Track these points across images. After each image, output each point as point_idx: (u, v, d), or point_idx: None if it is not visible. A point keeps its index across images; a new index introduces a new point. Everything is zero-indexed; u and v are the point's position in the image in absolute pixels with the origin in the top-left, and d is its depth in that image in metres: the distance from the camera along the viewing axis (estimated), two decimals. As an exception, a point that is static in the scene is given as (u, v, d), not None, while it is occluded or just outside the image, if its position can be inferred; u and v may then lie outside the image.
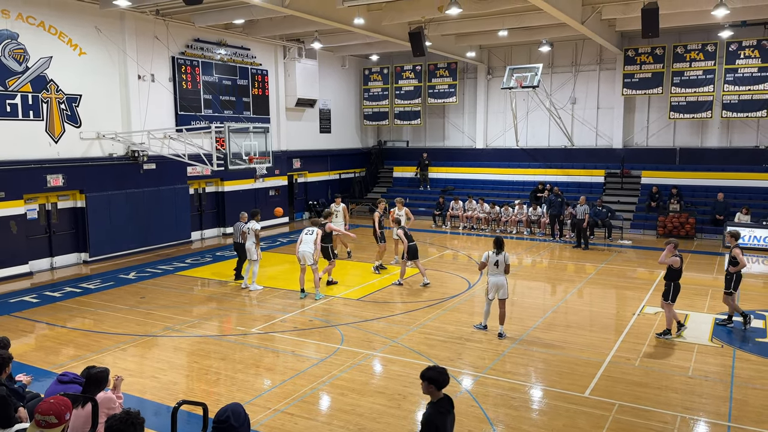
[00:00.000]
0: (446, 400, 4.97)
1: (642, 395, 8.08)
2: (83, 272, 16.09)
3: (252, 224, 13.86)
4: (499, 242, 10.50)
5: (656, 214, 21.10)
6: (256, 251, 13.74)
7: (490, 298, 10.64)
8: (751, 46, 20.97)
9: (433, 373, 4.96)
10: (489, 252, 10.52)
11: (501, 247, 10.46)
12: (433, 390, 4.94)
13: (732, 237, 11.19)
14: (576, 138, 25.13)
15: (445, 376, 4.98)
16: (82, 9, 16.42)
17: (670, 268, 10.40)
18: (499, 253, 10.40)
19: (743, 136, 22.31)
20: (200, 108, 20.21)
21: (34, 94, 15.55)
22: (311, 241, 12.89)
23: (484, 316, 10.84)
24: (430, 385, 4.93)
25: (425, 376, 4.97)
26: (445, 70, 26.82)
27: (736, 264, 10.72)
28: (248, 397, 8.09)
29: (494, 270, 10.42)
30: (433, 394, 4.95)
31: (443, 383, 4.95)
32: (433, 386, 4.93)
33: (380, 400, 7.99)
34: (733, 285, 10.88)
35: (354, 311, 12.16)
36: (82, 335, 10.81)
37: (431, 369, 5.04)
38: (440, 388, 4.94)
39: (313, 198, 26.24)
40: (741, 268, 10.74)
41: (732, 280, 10.86)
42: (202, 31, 20.01)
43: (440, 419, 4.81)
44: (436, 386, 4.93)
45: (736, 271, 10.78)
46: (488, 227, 22.35)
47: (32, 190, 15.70)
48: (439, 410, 4.87)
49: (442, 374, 4.97)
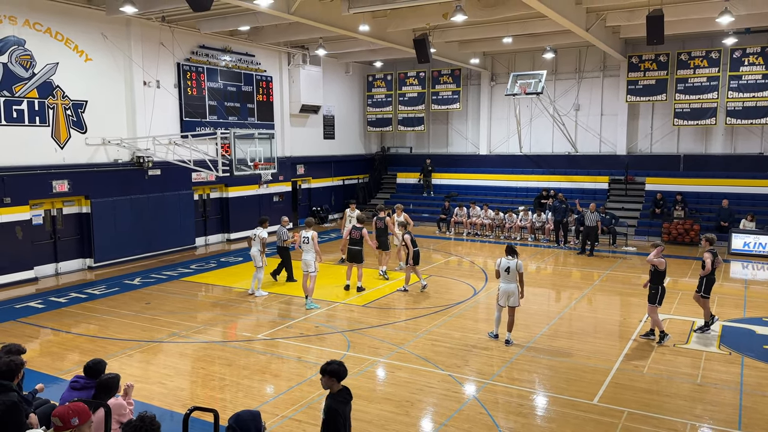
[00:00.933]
0: (345, 390, 5.31)
1: (651, 403, 8.05)
2: (88, 278, 16.10)
3: (258, 231, 13.84)
4: (511, 249, 10.48)
5: (661, 220, 21.07)
6: (261, 258, 13.72)
7: (501, 305, 10.56)
8: (755, 53, 20.98)
9: (334, 367, 5.23)
10: (501, 258, 10.49)
11: (513, 253, 10.43)
12: (334, 383, 5.24)
13: (707, 241, 11.44)
14: (580, 144, 25.13)
15: (344, 369, 5.28)
16: (88, 15, 16.50)
17: (655, 270, 10.53)
18: (511, 260, 10.35)
19: (747, 143, 22.30)
20: (205, 114, 20.27)
21: (41, 100, 15.60)
22: (311, 249, 12.78)
23: (495, 323, 10.76)
24: (332, 378, 5.22)
25: (326, 371, 5.24)
26: (449, 76, 26.87)
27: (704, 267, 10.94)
28: (255, 403, 8.07)
29: (505, 277, 10.37)
30: (333, 387, 5.25)
31: (343, 376, 5.26)
32: (334, 379, 5.22)
33: (388, 406, 7.97)
34: (704, 288, 10.99)
35: (359, 317, 12.14)
36: (88, 341, 10.81)
37: (331, 363, 5.29)
38: (340, 380, 5.25)
39: (316, 204, 26.25)
40: (706, 273, 10.93)
41: (703, 283, 11.02)
42: (208, 38, 20.09)
43: (341, 407, 5.13)
44: (338, 379, 5.23)
45: (705, 275, 10.94)
46: (492, 234, 22.33)
47: (38, 196, 15.73)
48: (339, 400, 5.18)
49: (342, 367, 5.26)
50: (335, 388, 5.24)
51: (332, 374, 5.21)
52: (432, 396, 8.35)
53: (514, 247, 10.57)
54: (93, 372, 5.85)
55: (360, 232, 13.95)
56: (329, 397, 5.21)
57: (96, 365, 5.92)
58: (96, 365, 5.92)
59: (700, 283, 11.10)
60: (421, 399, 8.23)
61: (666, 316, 11.93)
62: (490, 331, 10.89)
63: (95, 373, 5.83)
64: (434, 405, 8.10)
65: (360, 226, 14.11)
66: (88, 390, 5.48)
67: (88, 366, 5.91)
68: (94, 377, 5.74)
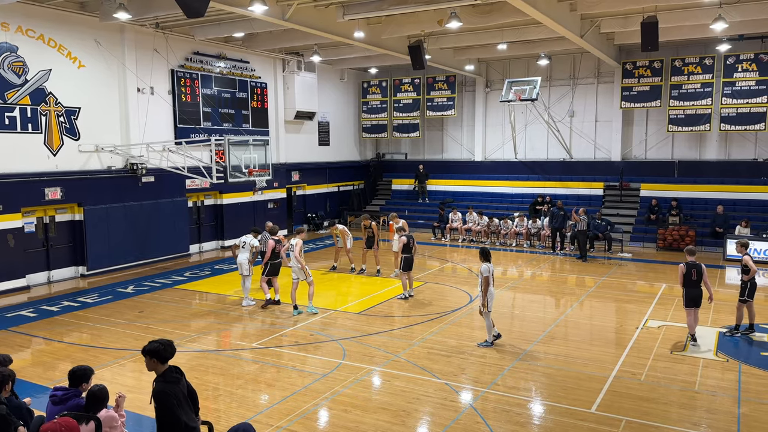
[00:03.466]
0: (172, 369, 5.01)
1: (649, 411, 7.98)
2: (81, 286, 15.95)
3: (248, 238, 13.69)
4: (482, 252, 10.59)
5: (656, 226, 21.08)
6: (249, 267, 13.53)
7: (490, 310, 10.54)
8: (749, 59, 21.09)
9: (154, 346, 4.96)
10: (489, 265, 10.45)
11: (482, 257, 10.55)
12: (156, 364, 4.98)
13: (742, 246, 11.28)
14: (574, 151, 25.17)
15: (168, 348, 5.01)
16: (81, 22, 16.42)
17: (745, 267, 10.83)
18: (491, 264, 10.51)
19: (742, 149, 22.38)
20: (199, 121, 20.19)
21: (33, 107, 15.50)
22: (294, 258, 12.64)
23: (490, 330, 10.69)
24: (152, 358, 4.96)
25: (147, 351, 4.97)
26: (444, 83, 26.90)
27: (748, 272, 10.79)
28: (249, 413, 7.97)
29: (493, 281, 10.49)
30: (158, 368, 4.99)
31: (166, 355, 4.98)
32: (155, 359, 4.95)
33: (384, 416, 7.87)
34: (747, 293, 10.92)
35: (355, 325, 12.04)
36: (80, 350, 10.67)
37: (152, 342, 5.03)
38: (164, 361, 4.98)
39: (311, 211, 26.17)
40: (753, 275, 10.88)
41: (746, 288, 10.93)
42: (202, 44, 20.04)
43: (171, 388, 4.87)
44: (159, 359, 4.96)
45: (750, 279, 10.87)
46: (488, 240, 22.29)
47: (30, 203, 15.60)
48: (168, 380, 4.92)
49: (165, 346, 4.99)
50: (160, 370, 4.99)
51: (152, 354, 4.94)
52: (428, 405, 8.26)
53: (486, 251, 10.58)
54: (75, 379, 5.55)
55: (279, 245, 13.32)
56: (156, 380, 4.97)
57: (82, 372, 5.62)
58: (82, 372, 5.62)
59: (743, 288, 11.00)
60: (417, 408, 8.14)
61: (662, 323, 11.90)
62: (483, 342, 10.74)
63: (77, 380, 5.54)
64: (431, 414, 8.02)
65: (277, 238, 13.43)
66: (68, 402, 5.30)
67: (72, 372, 5.62)
68: (76, 384, 5.52)
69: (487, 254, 10.58)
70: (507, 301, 14.13)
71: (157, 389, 4.86)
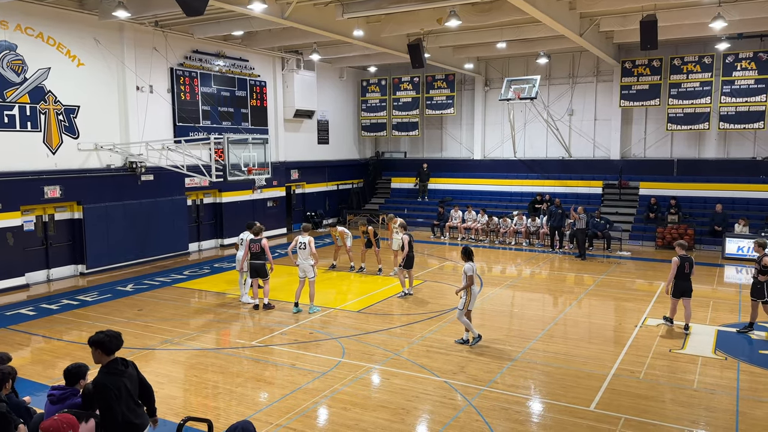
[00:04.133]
0: (117, 361, 4.96)
1: (648, 409, 8.00)
2: (80, 284, 15.95)
3: (245, 235, 13.60)
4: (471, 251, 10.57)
5: (655, 225, 21.10)
6: (244, 263, 13.47)
7: (470, 309, 10.53)
8: (748, 58, 21.10)
9: (99, 337, 4.93)
10: (472, 264, 10.38)
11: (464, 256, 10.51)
12: (101, 355, 4.94)
13: (759, 246, 11.29)
14: (574, 149, 25.18)
15: (113, 340, 4.96)
16: (81, 20, 16.40)
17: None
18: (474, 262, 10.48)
19: (740, 148, 22.40)
20: (199, 119, 20.18)
21: (32, 105, 15.48)
22: (307, 255, 12.65)
23: (471, 327, 10.59)
24: (97, 350, 4.92)
25: (92, 341, 4.95)
26: (443, 81, 26.90)
27: (767, 272, 10.84)
28: (249, 411, 7.98)
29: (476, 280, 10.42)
30: (102, 360, 4.95)
31: (111, 347, 4.94)
32: (100, 350, 4.92)
33: (384, 414, 7.89)
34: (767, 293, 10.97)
35: (354, 323, 12.06)
36: (80, 348, 10.67)
37: (98, 333, 5.00)
38: (110, 352, 4.94)
39: (311, 209, 26.17)
40: None
41: (764, 289, 10.97)
42: (201, 43, 20.02)
43: (110, 380, 4.81)
44: (104, 350, 4.92)
45: (767, 280, 10.91)
46: (487, 238, 22.31)
47: (29, 202, 15.59)
48: (110, 372, 4.87)
49: (110, 337, 4.95)
50: (105, 361, 4.95)
51: (97, 345, 4.92)
52: (427, 403, 8.28)
53: (469, 250, 10.56)
54: (71, 377, 5.55)
55: (259, 244, 12.87)
56: (99, 371, 4.94)
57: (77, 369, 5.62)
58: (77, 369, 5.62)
59: (761, 289, 11.04)
60: (416, 406, 8.16)
61: (660, 321, 11.91)
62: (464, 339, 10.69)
63: (73, 378, 5.54)
64: (430, 412, 8.03)
65: (258, 239, 12.98)
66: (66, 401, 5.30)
67: (67, 370, 5.61)
68: (73, 383, 5.51)
69: (470, 253, 10.53)
70: (506, 300, 14.16)
71: (95, 381, 4.82)
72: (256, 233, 13.08)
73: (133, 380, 5.01)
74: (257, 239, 12.89)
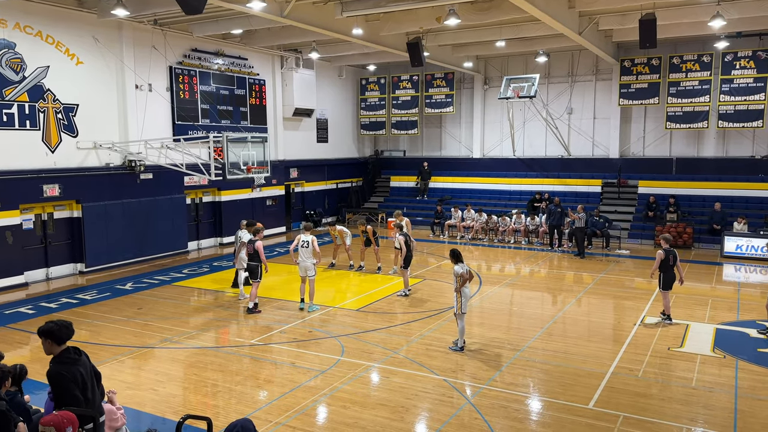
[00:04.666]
0: (69, 350, 4.92)
1: (646, 407, 8.02)
2: (79, 283, 15.95)
3: (243, 234, 13.67)
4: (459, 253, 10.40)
5: (654, 223, 21.12)
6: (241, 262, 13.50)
7: (464, 312, 10.27)
8: (747, 56, 21.11)
9: (48, 326, 4.89)
10: (463, 265, 10.23)
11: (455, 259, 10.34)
12: (52, 345, 4.89)
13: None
14: (573, 148, 25.19)
15: (63, 329, 4.90)
16: (79, 19, 16.39)
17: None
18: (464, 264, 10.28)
19: (739, 146, 22.42)
20: (198, 118, 20.17)
21: (31, 104, 15.47)
22: (310, 253, 12.68)
23: (462, 334, 10.32)
24: (48, 339, 4.88)
25: (41, 331, 4.90)
26: (442, 80, 26.89)
27: None
28: (248, 409, 7.99)
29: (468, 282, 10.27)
30: (53, 350, 4.90)
31: (61, 336, 4.89)
32: (50, 340, 4.88)
33: (383, 412, 7.90)
34: None
35: (353, 322, 12.07)
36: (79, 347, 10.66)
37: (49, 323, 4.96)
38: (60, 342, 4.89)
39: (310, 208, 26.17)
40: None
41: None
42: (200, 41, 20.00)
43: (65, 368, 4.78)
44: (54, 340, 4.88)
45: None
46: (486, 237, 22.33)
47: (28, 200, 15.58)
48: (63, 361, 4.83)
49: (60, 326, 4.90)
50: (56, 351, 4.90)
51: (47, 335, 4.86)
52: (427, 401, 8.29)
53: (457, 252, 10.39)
54: None
55: (253, 246, 12.65)
56: (51, 361, 4.90)
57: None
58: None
59: None
60: (416, 404, 8.17)
61: (659, 319, 11.92)
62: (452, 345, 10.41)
63: None
64: (429, 410, 8.05)
65: (254, 240, 12.78)
66: None
67: None
68: None
69: (458, 255, 10.35)
70: (505, 298, 14.17)
71: (50, 371, 4.77)
72: (254, 234, 13.07)
73: (87, 369, 4.97)
74: (254, 240, 12.87)
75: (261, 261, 12.61)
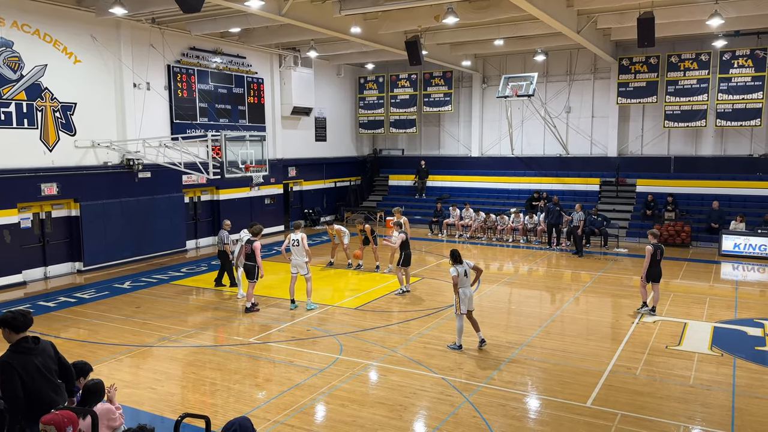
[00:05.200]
0: (28, 339, 4.97)
1: (644, 405, 8.04)
2: (77, 282, 15.94)
3: (243, 234, 13.69)
4: (458, 254, 10.27)
5: (652, 222, 21.13)
6: (239, 259, 13.50)
7: (463, 312, 10.19)
8: (745, 55, 21.13)
9: (7, 315, 4.96)
10: (457, 266, 10.12)
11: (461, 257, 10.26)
12: (10, 333, 4.96)
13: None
14: (571, 146, 25.21)
15: (20, 318, 4.97)
16: (77, 17, 16.35)
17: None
18: (463, 264, 10.19)
19: (737, 145, 22.45)
20: (196, 116, 20.15)
21: (29, 102, 15.44)
22: (301, 251, 12.68)
23: (459, 334, 10.28)
24: (5, 328, 4.95)
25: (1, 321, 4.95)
26: (441, 78, 26.88)
27: None
28: (247, 408, 7.99)
29: (465, 282, 10.14)
30: (11, 338, 4.96)
31: (18, 324, 4.95)
32: (8, 329, 4.94)
33: (381, 411, 7.91)
34: None
35: (352, 320, 12.07)
36: (77, 346, 10.67)
37: (6, 312, 5.05)
38: (18, 330, 4.95)
39: (308, 206, 26.17)
40: None
41: None
42: (198, 40, 19.98)
43: (17, 358, 4.83)
44: (11, 329, 4.95)
45: None
46: (484, 235, 22.34)
47: (26, 199, 15.56)
48: (17, 350, 4.89)
49: (15, 315, 4.96)
50: (14, 339, 4.96)
51: (4, 324, 4.94)
52: (425, 400, 8.30)
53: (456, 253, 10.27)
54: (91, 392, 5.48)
55: (251, 246, 12.67)
56: (7, 349, 4.96)
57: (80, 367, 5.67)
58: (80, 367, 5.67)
59: None
60: (414, 403, 8.18)
61: (658, 318, 11.95)
62: (451, 344, 10.38)
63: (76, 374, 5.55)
64: (427, 409, 8.06)
65: (253, 240, 12.76)
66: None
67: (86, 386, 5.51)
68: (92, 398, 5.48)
69: (457, 257, 10.22)
70: (503, 297, 14.19)
71: (0, 358, 4.84)
72: (254, 234, 13.05)
73: (46, 357, 5.00)
74: (253, 240, 12.85)
75: (257, 263, 12.56)
